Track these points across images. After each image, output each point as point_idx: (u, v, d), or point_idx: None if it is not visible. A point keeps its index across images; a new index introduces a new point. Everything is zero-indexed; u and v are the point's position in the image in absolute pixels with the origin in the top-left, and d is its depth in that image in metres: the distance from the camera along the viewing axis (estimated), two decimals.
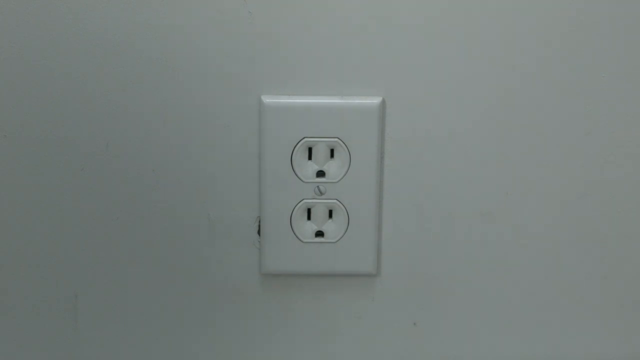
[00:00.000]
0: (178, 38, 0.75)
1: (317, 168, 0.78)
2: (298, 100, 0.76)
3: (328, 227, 0.79)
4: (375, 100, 0.77)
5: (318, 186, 0.78)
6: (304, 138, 0.77)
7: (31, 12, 0.74)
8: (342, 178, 0.78)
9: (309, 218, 0.79)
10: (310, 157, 0.78)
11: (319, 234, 0.79)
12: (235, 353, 0.84)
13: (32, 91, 0.76)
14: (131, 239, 0.80)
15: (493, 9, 0.75)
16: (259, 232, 0.80)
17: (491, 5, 0.75)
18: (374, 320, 0.83)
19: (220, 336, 0.83)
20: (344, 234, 0.79)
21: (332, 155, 0.78)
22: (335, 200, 0.78)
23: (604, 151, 0.78)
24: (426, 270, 0.82)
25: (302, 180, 0.78)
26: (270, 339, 0.83)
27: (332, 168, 0.78)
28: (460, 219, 0.80)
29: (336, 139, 0.77)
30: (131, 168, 0.78)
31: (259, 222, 0.80)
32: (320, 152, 0.77)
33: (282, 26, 0.75)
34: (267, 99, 0.76)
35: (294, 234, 0.79)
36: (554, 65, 0.76)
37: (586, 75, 0.76)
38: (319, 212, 0.78)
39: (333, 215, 0.79)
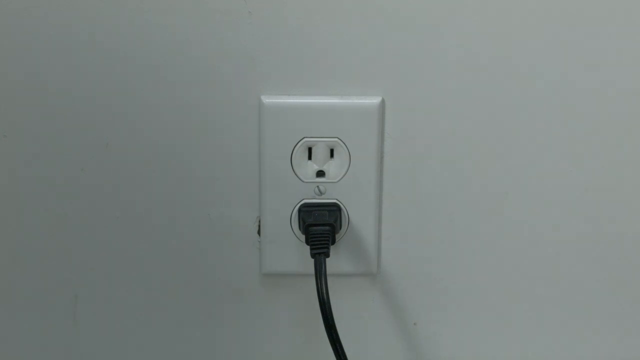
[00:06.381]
0: (178, 38, 0.75)
1: (317, 168, 0.78)
2: (298, 100, 0.76)
3: None
4: (375, 100, 0.77)
5: (318, 186, 0.78)
6: (303, 138, 0.77)
7: (31, 12, 0.74)
8: (342, 178, 0.78)
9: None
10: (310, 157, 0.78)
11: None
12: (236, 353, 0.84)
13: (32, 91, 0.76)
14: (131, 239, 0.80)
15: (493, 8, 0.75)
16: (259, 232, 0.80)
17: (491, 5, 0.74)
18: (374, 320, 0.83)
19: (221, 336, 0.83)
20: (345, 233, 0.79)
21: (332, 155, 0.78)
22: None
23: (604, 150, 0.78)
24: (426, 270, 0.82)
25: (302, 180, 0.78)
26: (270, 339, 0.83)
27: (332, 168, 0.78)
28: (460, 219, 0.80)
29: (336, 139, 0.77)
30: (131, 168, 0.78)
31: (259, 222, 0.80)
32: (320, 152, 0.77)
33: (282, 26, 0.75)
34: (267, 99, 0.76)
35: (294, 234, 0.79)
36: (555, 65, 0.76)
37: (587, 74, 0.76)
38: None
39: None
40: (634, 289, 0.82)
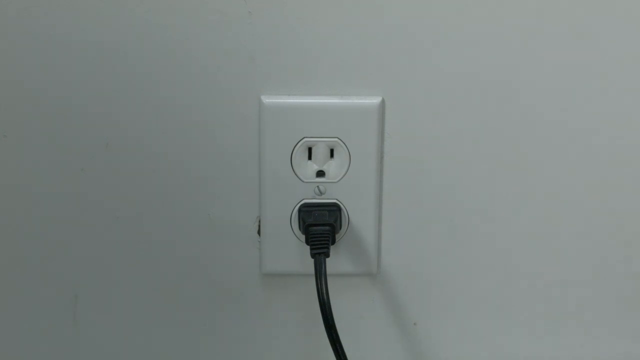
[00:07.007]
0: (178, 38, 0.75)
1: (317, 168, 0.78)
2: (298, 100, 0.76)
3: None
4: (375, 100, 0.77)
5: (318, 186, 0.78)
6: (303, 138, 0.77)
7: (31, 12, 0.74)
8: (342, 178, 0.78)
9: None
10: (310, 157, 0.78)
11: None
12: (235, 353, 0.84)
13: (32, 91, 0.76)
14: (131, 239, 0.80)
15: (493, 8, 0.75)
16: (259, 232, 0.80)
17: (491, 5, 0.74)
18: (374, 320, 0.83)
19: (221, 336, 0.83)
20: (345, 233, 0.79)
21: (332, 155, 0.78)
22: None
23: (604, 151, 0.78)
24: (426, 270, 0.82)
25: (302, 180, 0.78)
26: (270, 339, 0.83)
27: (332, 168, 0.78)
28: (460, 219, 0.80)
29: (336, 139, 0.77)
30: (131, 168, 0.78)
31: (259, 222, 0.80)
32: (320, 152, 0.77)
33: (282, 26, 0.75)
34: (267, 99, 0.76)
35: (294, 234, 0.79)
36: (554, 64, 0.76)
37: (587, 75, 0.76)
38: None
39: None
40: (634, 289, 0.82)
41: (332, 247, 0.77)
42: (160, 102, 0.77)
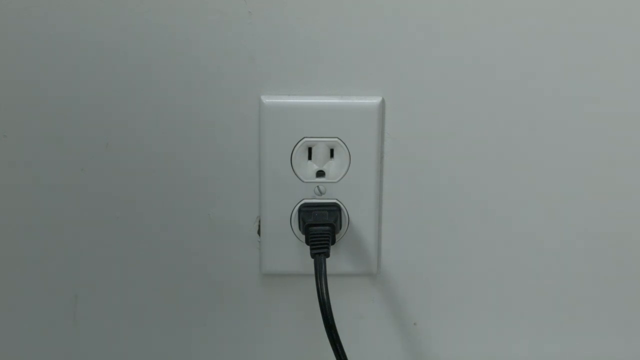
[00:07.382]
0: (178, 38, 0.75)
1: (317, 168, 0.78)
2: (298, 100, 0.76)
3: None
4: (375, 100, 0.77)
5: (318, 186, 0.78)
6: (303, 138, 0.77)
7: (31, 12, 0.74)
8: (342, 178, 0.78)
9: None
10: (310, 157, 0.78)
11: None
12: (235, 353, 0.84)
13: (32, 91, 0.76)
14: (131, 239, 0.80)
15: (493, 8, 0.75)
16: (259, 232, 0.80)
17: (491, 5, 0.74)
18: (374, 320, 0.83)
19: (221, 336, 0.83)
20: (345, 233, 0.79)
21: (332, 155, 0.78)
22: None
23: (604, 151, 0.78)
24: (426, 270, 0.82)
25: (302, 180, 0.78)
26: (270, 339, 0.83)
27: (332, 168, 0.78)
28: (460, 219, 0.80)
29: (336, 139, 0.77)
30: (131, 168, 0.78)
31: (259, 222, 0.80)
32: (320, 152, 0.77)
33: (282, 26, 0.75)
34: (267, 99, 0.76)
35: (294, 234, 0.79)
36: (554, 64, 0.76)
37: (587, 74, 0.76)
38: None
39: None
40: (634, 289, 0.82)
41: (332, 247, 0.77)
42: (160, 102, 0.77)
